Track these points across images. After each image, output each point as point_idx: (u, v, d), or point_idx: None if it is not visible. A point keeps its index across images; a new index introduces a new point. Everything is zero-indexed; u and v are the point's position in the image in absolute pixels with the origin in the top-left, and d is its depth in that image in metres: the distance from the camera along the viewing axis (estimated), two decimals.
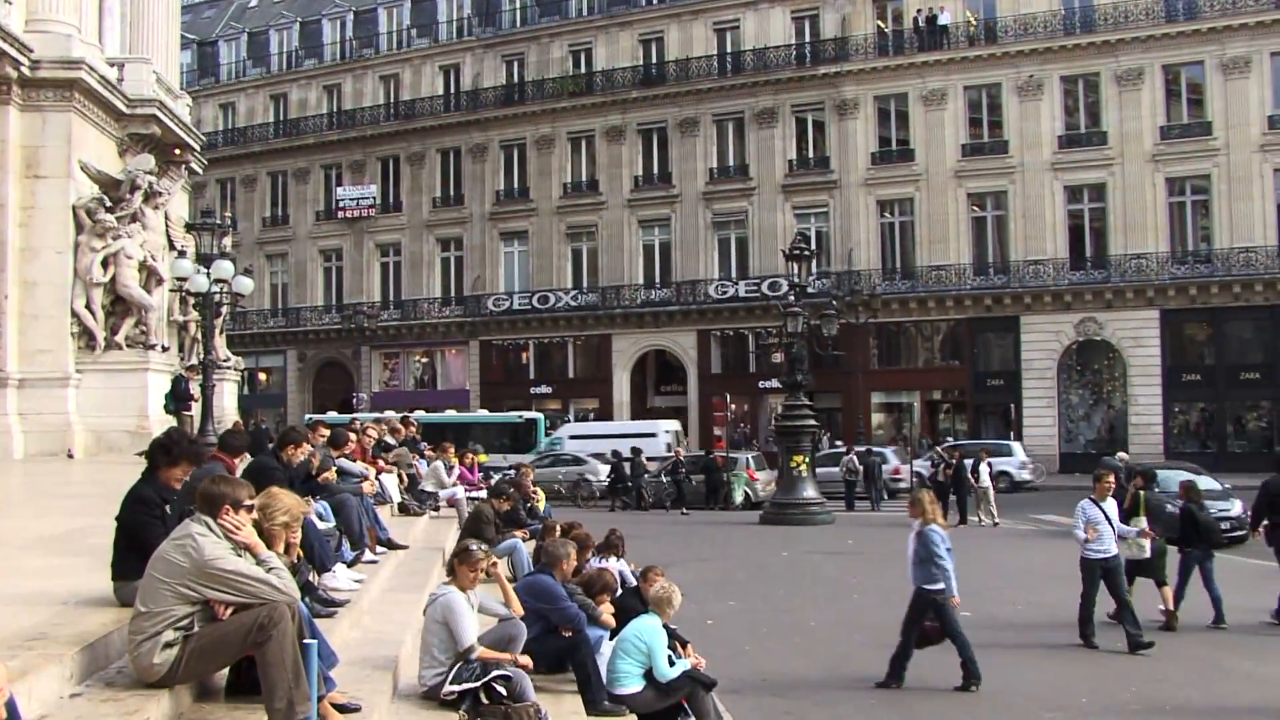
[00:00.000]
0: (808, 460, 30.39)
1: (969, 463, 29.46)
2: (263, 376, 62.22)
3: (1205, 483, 24.88)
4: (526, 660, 8.16)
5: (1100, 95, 47.07)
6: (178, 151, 28.42)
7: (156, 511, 7.02)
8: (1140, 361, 45.58)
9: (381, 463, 17.59)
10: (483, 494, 18.29)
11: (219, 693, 6.32)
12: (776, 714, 10.96)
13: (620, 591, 11.14)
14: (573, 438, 42.10)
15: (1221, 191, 44.86)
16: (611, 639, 10.03)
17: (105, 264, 24.33)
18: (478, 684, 7.78)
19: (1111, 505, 13.97)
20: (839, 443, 43.47)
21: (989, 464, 28.81)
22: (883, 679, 11.79)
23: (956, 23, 49.24)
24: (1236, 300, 44.31)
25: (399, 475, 18.22)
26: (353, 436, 15.74)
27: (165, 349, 26.21)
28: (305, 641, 5.88)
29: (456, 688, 7.78)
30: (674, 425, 46.51)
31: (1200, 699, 11.39)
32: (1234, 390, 45.46)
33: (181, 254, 26.47)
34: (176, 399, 24.41)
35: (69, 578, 8.06)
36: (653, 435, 43.28)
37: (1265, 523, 15.67)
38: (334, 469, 12.79)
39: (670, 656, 9.68)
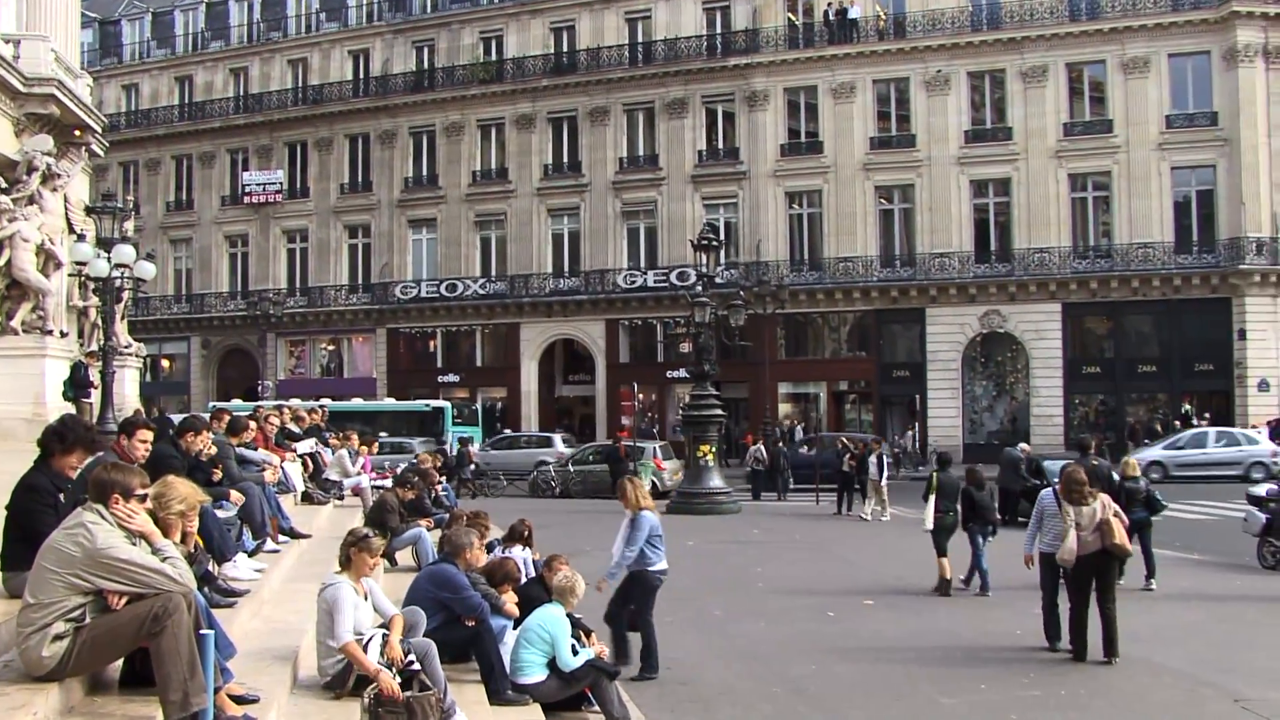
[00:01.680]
0: (714, 450, 30.47)
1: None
2: (166, 363, 61.32)
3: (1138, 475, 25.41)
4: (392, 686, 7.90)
5: (1006, 91, 47.80)
6: (78, 133, 27.70)
7: (49, 500, 6.88)
8: (1042, 354, 46.42)
9: (288, 452, 17.41)
10: (388, 482, 18.19)
11: (112, 685, 6.21)
12: (681, 702, 10.98)
13: (524, 581, 11.11)
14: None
15: (1121, 188, 45.85)
16: (515, 628, 10.02)
17: (0, 247, 23.74)
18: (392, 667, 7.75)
19: None
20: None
21: (880, 456, 28.65)
22: (636, 674, 11.59)
23: (866, 17, 49.74)
24: (1135, 295, 45.31)
25: (303, 463, 18.05)
26: (253, 424, 15.51)
27: (64, 334, 25.63)
28: (201, 632, 5.78)
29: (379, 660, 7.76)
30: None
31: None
32: (1132, 383, 46.60)
33: (81, 238, 25.89)
34: (76, 386, 23.91)
35: None
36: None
37: None
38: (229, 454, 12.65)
39: (574, 646, 9.69)
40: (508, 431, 42.75)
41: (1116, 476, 17.96)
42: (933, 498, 17.07)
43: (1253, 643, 13.47)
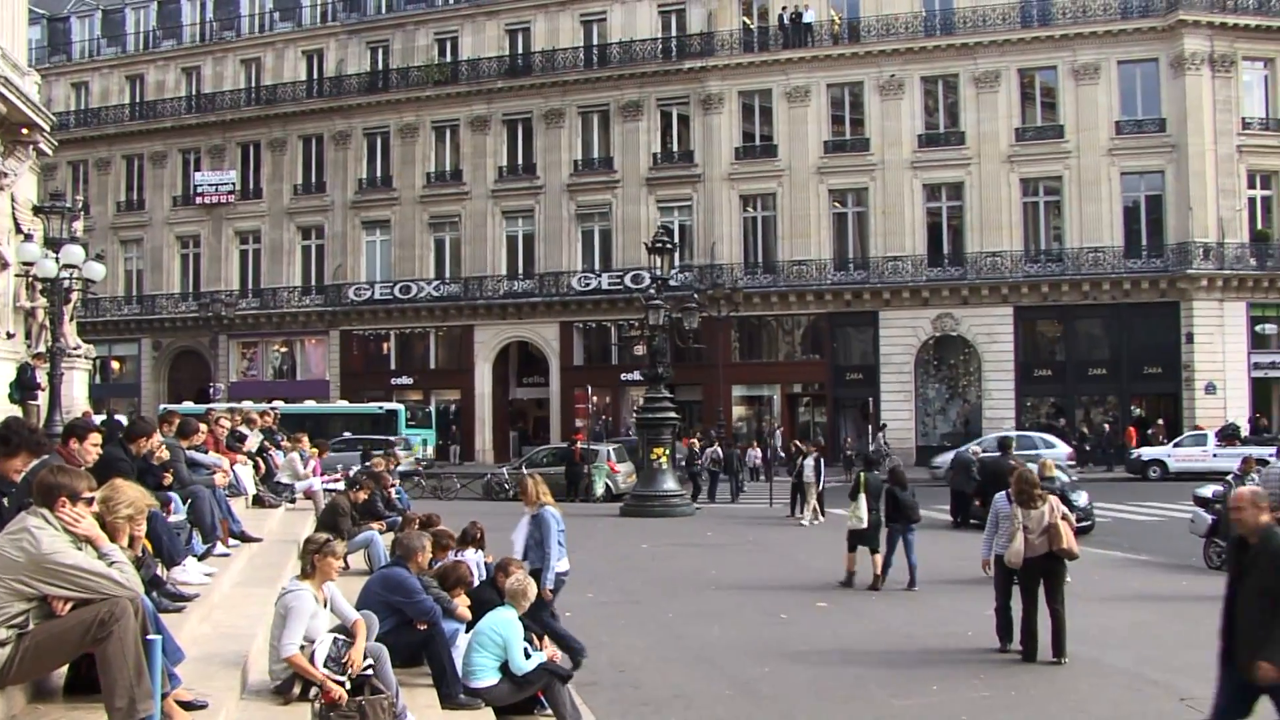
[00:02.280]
0: (668, 452, 30.48)
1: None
2: (116, 365, 60.66)
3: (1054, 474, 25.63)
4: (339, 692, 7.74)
5: (959, 96, 48.09)
6: (25, 131, 27.32)
7: None
8: (994, 356, 46.74)
9: (239, 455, 17.26)
10: (340, 485, 18.09)
11: (57, 692, 6.14)
12: (633, 705, 10.98)
13: (476, 584, 11.07)
14: None
15: (1072, 193, 46.27)
16: (467, 631, 9.98)
17: None
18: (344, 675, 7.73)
19: None
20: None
21: (818, 460, 28.27)
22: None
23: (820, 21, 49.90)
24: (1086, 298, 45.74)
25: (255, 465, 17.90)
26: (203, 427, 15.36)
27: (10, 336, 25.33)
28: (149, 637, 5.72)
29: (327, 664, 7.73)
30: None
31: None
32: (1082, 385, 47.00)
33: (29, 237, 25.59)
34: (22, 388, 23.61)
35: None
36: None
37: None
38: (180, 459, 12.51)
39: (526, 649, 9.66)
40: (347, 435, 42.43)
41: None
42: (863, 496, 17.58)
43: (1199, 642, 13.44)
